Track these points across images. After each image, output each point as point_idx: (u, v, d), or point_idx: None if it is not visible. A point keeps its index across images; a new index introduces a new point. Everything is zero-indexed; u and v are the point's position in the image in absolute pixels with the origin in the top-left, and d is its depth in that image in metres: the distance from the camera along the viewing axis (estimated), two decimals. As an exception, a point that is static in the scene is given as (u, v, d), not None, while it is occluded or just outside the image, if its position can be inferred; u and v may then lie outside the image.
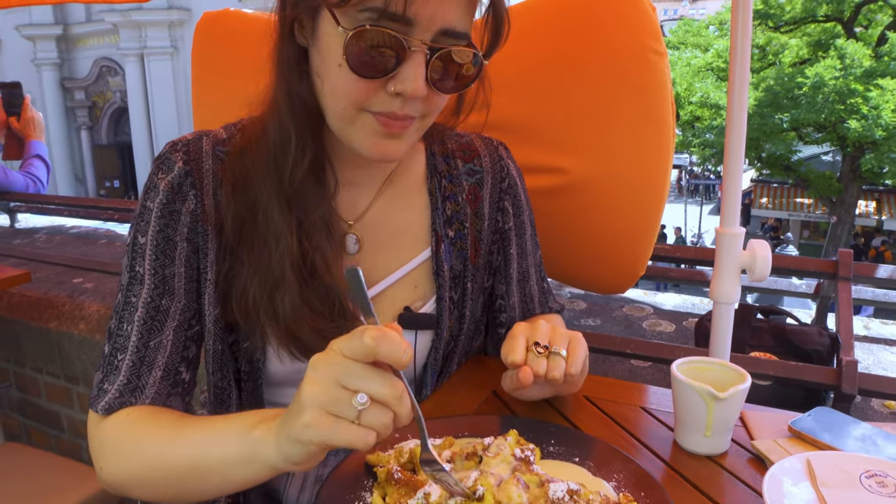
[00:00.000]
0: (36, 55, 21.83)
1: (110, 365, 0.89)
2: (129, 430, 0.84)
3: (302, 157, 0.89)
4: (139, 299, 0.90)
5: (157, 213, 0.91)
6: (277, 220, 0.89)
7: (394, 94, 0.81)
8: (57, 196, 3.22)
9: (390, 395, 0.63)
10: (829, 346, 1.34)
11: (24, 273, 1.95)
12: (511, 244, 1.13)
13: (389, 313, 1.01)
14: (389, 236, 1.02)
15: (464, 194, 1.08)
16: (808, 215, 20.09)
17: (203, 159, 0.93)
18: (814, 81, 13.16)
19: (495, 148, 1.13)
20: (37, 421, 2.59)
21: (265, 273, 0.89)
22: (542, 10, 1.49)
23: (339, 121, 0.87)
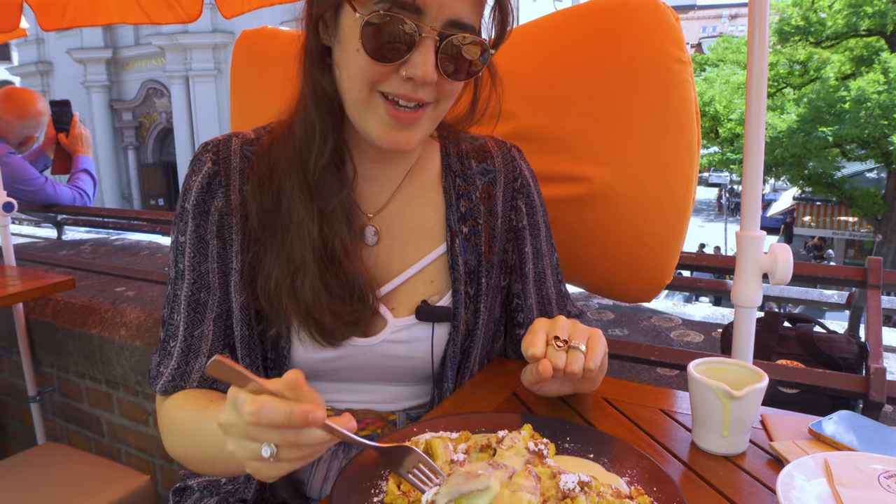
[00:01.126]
0: (86, 77, 22.63)
1: (164, 350, 1.01)
2: (173, 416, 0.96)
3: (324, 146, 0.97)
4: (182, 293, 1.01)
5: (192, 213, 1.00)
6: (300, 208, 0.96)
7: (406, 78, 0.88)
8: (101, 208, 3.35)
9: (284, 442, 0.65)
10: (858, 354, 1.32)
11: (69, 279, 2.04)
12: (525, 243, 1.15)
13: (407, 307, 1.04)
14: (406, 231, 1.07)
15: (477, 192, 1.11)
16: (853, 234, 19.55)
17: (231, 157, 1.02)
18: (857, 96, 12.89)
19: (508, 149, 1.17)
20: (78, 425, 2.68)
21: (287, 258, 0.95)
22: (566, 23, 1.51)
23: (354, 106, 0.93)
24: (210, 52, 20.59)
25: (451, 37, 0.87)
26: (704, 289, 1.73)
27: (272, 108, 1.08)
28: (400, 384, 1.10)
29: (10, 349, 2.78)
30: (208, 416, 0.87)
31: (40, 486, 1.69)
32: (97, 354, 2.37)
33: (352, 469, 0.81)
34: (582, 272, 1.55)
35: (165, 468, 2.40)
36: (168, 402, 0.99)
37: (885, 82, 12.95)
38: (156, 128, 23.22)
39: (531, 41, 1.54)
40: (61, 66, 23.27)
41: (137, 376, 2.27)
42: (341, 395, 1.09)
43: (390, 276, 1.05)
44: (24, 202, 3.13)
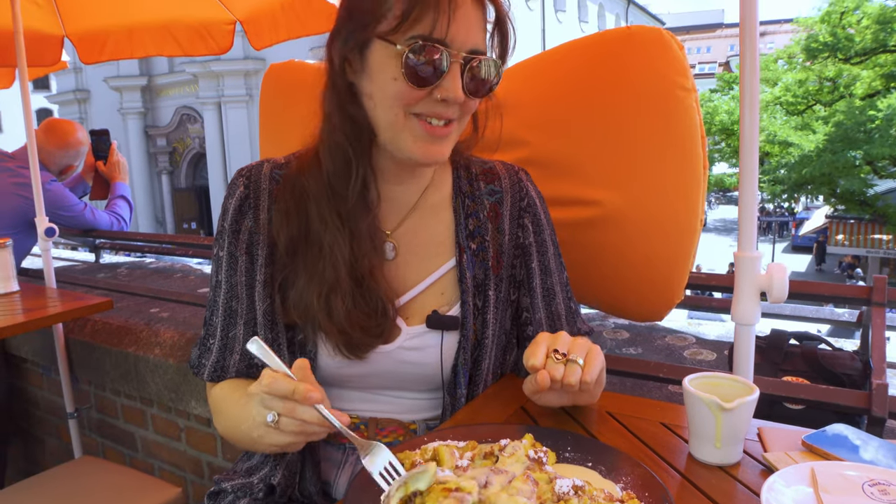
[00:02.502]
0: (122, 105, 23.33)
1: (204, 346, 1.18)
2: (219, 400, 1.14)
3: (357, 175, 1.08)
4: (220, 300, 1.16)
5: (227, 231, 1.14)
6: (332, 233, 1.07)
7: (439, 100, 1.00)
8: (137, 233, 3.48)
9: (285, 410, 0.86)
10: (862, 370, 1.35)
11: (108, 301, 2.14)
12: (532, 259, 1.23)
13: (419, 316, 1.14)
14: (421, 246, 1.17)
15: (485, 212, 1.21)
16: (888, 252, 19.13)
17: (262, 181, 1.15)
18: (887, 114, 12.72)
19: (515, 172, 1.26)
20: (113, 440, 2.78)
21: (321, 279, 1.07)
22: (575, 54, 1.59)
23: (390, 130, 1.04)
24: (242, 78, 21.10)
25: (472, 61, 1.00)
26: (717, 307, 1.77)
27: (298, 138, 1.18)
28: (417, 392, 1.18)
29: (50, 367, 2.91)
30: (236, 397, 1.06)
31: (77, 496, 1.79)
32: (132, 372, 2.47)
33: (364, 474, 0.87)
34: (594, 292, 1.60)
35: (196, 483, 2.48)
36: (215, 389, 1.16)
37: (916, 99, 12.80)
38: (189, 153, 23.78)
39: (543, 72, 1.61)
40: (98, 94, 24.03)
41: (171, 394, 2.37)
42: (366, 404, 1.17)
43: (406, 289, 1.15)
44: (64, 227, 3.27)
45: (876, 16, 13.92)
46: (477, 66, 1.01)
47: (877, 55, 14.55)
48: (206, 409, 2.29)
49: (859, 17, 14.29)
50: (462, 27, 0.98)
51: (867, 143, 13.30)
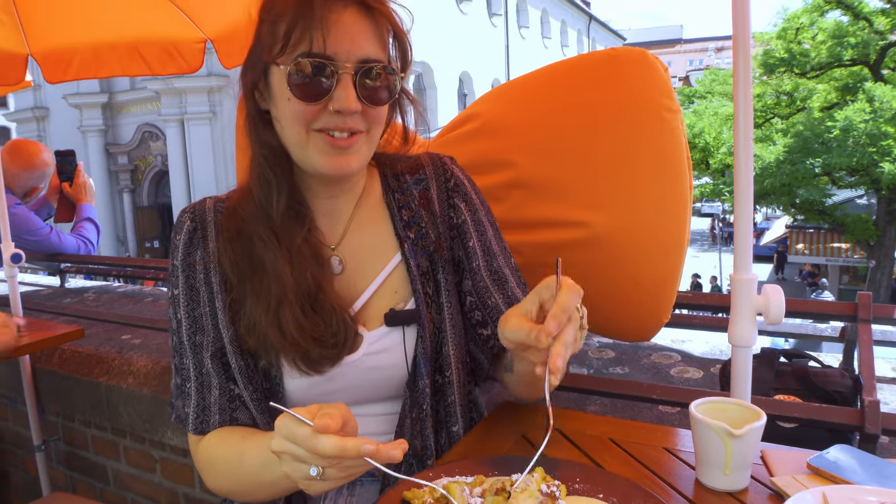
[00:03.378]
0: (82, 122, 22.81)
1: (183, 392, 1.12)
2: (213, 455, 1.08)
3: (280, 194, 1.10)
4: (185, 339, 1.12)
5: (181, 267, 1.13)
6: (270, 252, 1.08)
7: (334, 112, 1.01)
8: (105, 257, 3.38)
9: (330, 465, 0.79)
10: (852, 387, 1.36)
11: (78, 329, 2.07)
12: (469, 238, 1.21)
13: (378, 319, 1.13)
14: (365, 252, 1.17)
15: (415, 201, 1.22)
16: (847, 260, 19.66)
17: (206, 214, 1.16)
18: (844, 125, 13.12)
19: (439, 158, 1.27)
20: (83, 474, 2.68)
21: (267, 297, 1.06)
22: (561, 76, 1.59)
23: (296, 147, 1.06)
24: (205, 95, 20.83)
25: (364, 69, 1.01)
26: (701, 326, 1.78)
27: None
28: (390, 403, 1.16)
29: (16, 398, 2.80)
30: (244, 452, 1.00)
31: (53, 538, 1.70)
32: (104, 403, 2.39)
33: (373, 515, 0.84)
34: (583, 313, 1.59)
35: (172, 516, 2.40)
36: (204, 443, 1.10)
37: (870, 111, 13.21)
38: (151, 170, 23.36)
39: (528, 93, 1.61)
40: (57, 112, 23.49)
41: (145, 424, 2.29)
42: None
43: (358, 295, 1.14)
44: (29, 252, 3.17)
45: (831, 31, 14.38)
46: (370, 75, 1.02)
47: (832, 69, 15.02)
48: (182, 439, 2.22)
49: (814, 33, 14.75)
50: (344, 39, 1.00)
51: (825, 153, 13.68)
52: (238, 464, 1.01)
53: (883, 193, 14.37)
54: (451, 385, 1.17)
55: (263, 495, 1.01)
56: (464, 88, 24.78)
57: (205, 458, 1.09)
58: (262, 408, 1.11)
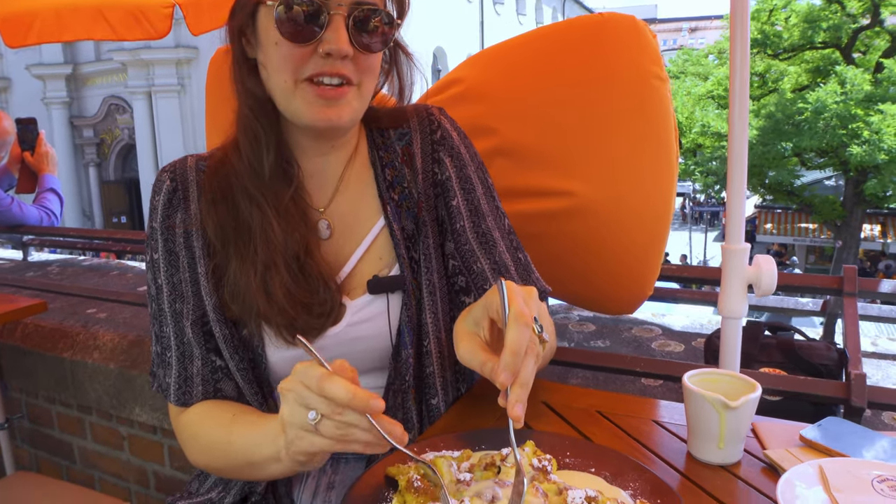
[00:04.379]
0: (46, 94, 22.14)
1: (163, 361, 1.06)
2: (197, 430, 1.03)
3: (269, 150, 1.02)
4: (164, 306, 1.06)
5: (160, 230, 1.06)
6: (258, 212, 1.01)
7: (324, 55, 0.95)
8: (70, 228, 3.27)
9: (332, 412, 0.74)
10: (838, 360, 1.35)
11: (41, 303, 1.99)
12: (452, 196, 1.12)
13: (362, 287, 1.07)
14: (352, 216, 1.11)
15: (399, 158, 1.14)
16: (814, 240, 20.07)
17: (188, 173, 1.08)
18: (815, 107, 13.28)
19: (426, 108, 1.18)
20: (48, 452, 2.60)
21: (254, 261, 1.00)
22: (547, 41, 1.54)
23: (283, 97, 0.98)
24: (173, 67, 20.33)
25: (357, 11, 0.95)
26: (684, 299, 1.76)
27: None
28: (376, 373, 1.10)
29: (-24, 375, 2.70)
30: (234, 430, 0.96)
31: (15, 518, 1.64)
32: (69, 378, 2.31)
33: (355, 492, 0.80)
34: (566, 285, 1.56)
35: (141, 493, 2.34)
36: (188, 416, 1.05)
37: (841, 93, 13.38)
38: (118, 144, 22.81)
39: (513, 58, 1.56)
40: (20, 83, 22.75)
41: (112, 400, 2.22)
42: None
43: (344, 263, 1.08)
44: (-11, 223, 3.05)
45: (804, 14, 14.48)
46: (364, 18, 0.96)
47: (804, 51, 15.16)
48: (151, 415, 2.15)
49: (787, 15, 14.84)
50: None
51: (796, 135, 13.85)
52: (226, 442, 0.96)
53: (851, 175, 14.61)
54: (429, 356, 1.11)
55: (249, 475, 0.96)
56: (438, 64, 24.56)
57: (189, 432, 1.04)
58: (248, 378, 1.05)
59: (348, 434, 0.75)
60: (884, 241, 19.78)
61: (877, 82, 13.68)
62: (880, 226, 19.80)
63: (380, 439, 0.74)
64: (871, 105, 13.25)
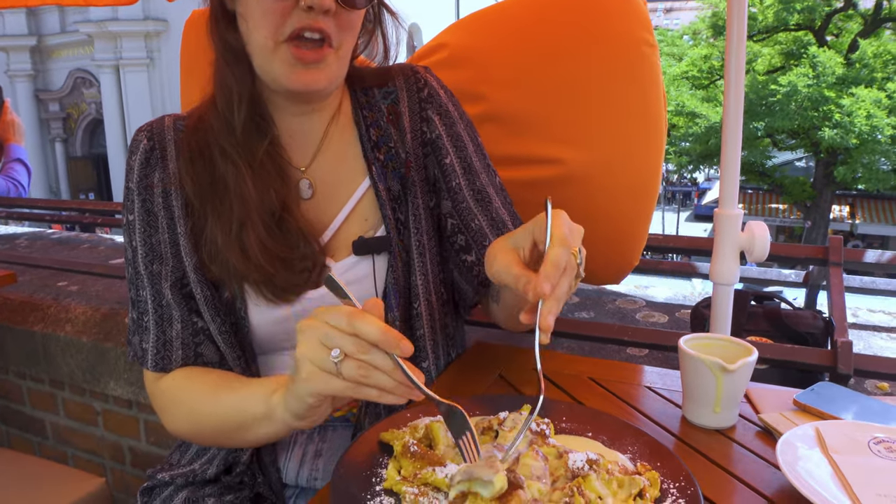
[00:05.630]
0: (9, 66, 21.46)
1: (140, 327, 1.02)
2: (180, 395, 1.00)
3: (241, 101, 0.99)
4: (141, 268, 1.02)
5: (136, 191, 1.03)
6: (232, 168, 0.98)
7: (305, 8, 0.90)
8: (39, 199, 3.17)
9: (357, 351, 0.71)
10: (823, 328, 1.36)
11: (10, 274, 1.92)
12: (445, 154, 1.10)
13: (346, 249, 1.04)
14: (336, 177, 1.07)
15: (384, 117, 1.10)
16: (784, 220, 20.39)
17: (165, 133, 1.05)
18: (787, 90, 13.41)
19: (411, 67, 1.15)
20: (19, 428, 2.54)
21: (229, 218, 0.97)
22: (536, 5, 1.50)
23: (260, 56, 0.95)
24: (142, 40, 19.81)
25: None
26: (669, 270, 1.75)
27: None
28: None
29: (-59, 350, 2.62)
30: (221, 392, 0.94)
31: (-14, 493, 1.59)
32: (40, 353, 2.24)
33: (349, 458, 0.78)
34: (553, 255, 1.54)
35: (117, 469, 2.30)
36: (167, 382, 1.01)
37: (813, 76, 13.52)
38: (85, 119, 22.25)
39: (501, 23, 1.52)
40: (-19, 55, 22.05)
41: (85, 374, 2.17)
42: None
43: (326, 224, 1.05)
44: (-48, 195, 2.94)
45: (778, -5, 14.59)
46: None
47: (777, 33, 15.27)
48: (127, 389, 2.10)
49: (762, -4, 14.94)
50: None
51: (768, 116, 14.00)
52: (213, 403, 0.94)
53: (822, 156, 14.83)
54: (419, 318, 1.08)
55: (235, 439, 0.93)
56: (413, 41, 24.29)
57: (169, 397, 1.00)
58: (230, 341, 1.01)
59: (369, 376, 0.71)
60: (852, 223, 20.19)
61: (849, 64, 13.85)
62: (849, 207, 20.19)
63: (398, 386, 0.71)
64: (844, 88, 13.43)
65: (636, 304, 1.92)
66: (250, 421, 0.87)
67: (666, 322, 1.78)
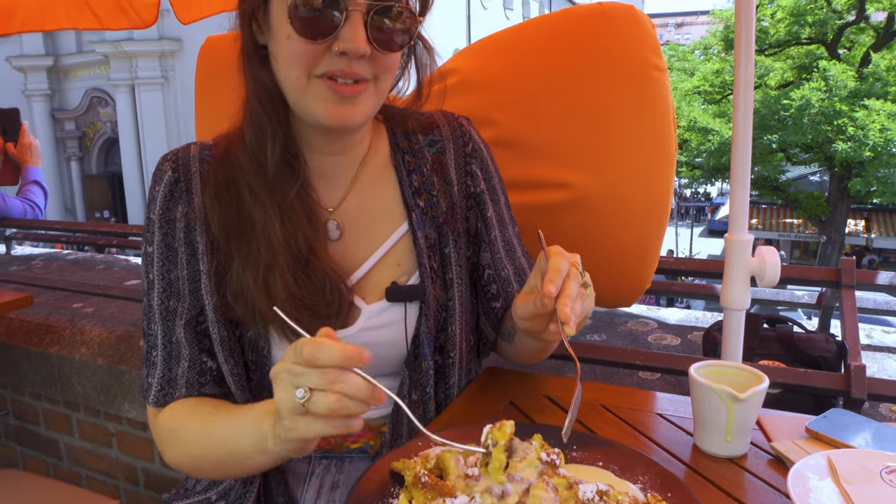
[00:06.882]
0: (26, 86, 21.84)
1: (149, 361, 1.02)
2: (176, 425, 0.98)
3: (275, 141, 0.97)
4: (155, 303, 1.01)
5: (158, 223, 1.01)
6: (260, 209, 0.96)
7: (339, 53, 0.89)
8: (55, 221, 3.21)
9: (323, 383, 0.70)
10: (837, 352, 1.35)
11: (27, 296, 1.95)
12: (487, 208, 1.12)
13: (378, 293, 1.03)
14: (368, 219, 1.06)
15: (427, 165, 1.10)
16: (798, 235, 20.23)
17: (191, 163, 1.03)
18: (800, 103, 13.36)
19: (456, 118, 1.15)
20: (34, 449, 2.56)
21: (256, 260, 0.95)
22: (545, 30, 1.52)
23: (294, 92, 0.94)
24: (157, 59, 20.12)
25: (377, 7, 0.89)
26: (681, 292, 1.75)
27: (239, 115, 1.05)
28: (385, 378, 1.07)
29: (-41, 371, 2.65)
30: (216, 422, 0.92)
31: (2, 516, 1.61)
32: (56, 374, 2.27)
33: (361, 487, 0.78)
34: (564, 278, 1.55)
35: (131, 492, 2.31)
36: (165, 414, 1.00)
37: (825, 89, 13.47)
38: (100, 137, 22.55)
39: (511, 49, 1.54)
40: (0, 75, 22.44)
41: (100, 396, 2.18)
42: None
43: (357, 265, 1.04)
44: (-29, 217, 2.99)
45: (790, 9, 14.56)
46: (385, 14, 0.90)
47: (789, 47, 15.25)
48: (141, 411, 2.12)
49: (773, 10, 14.92)
50: None
51: (781, 130, 13.95)
52: (206, 435, 0.92)
53: (836, 170, 14.75)
54: (453, 367, 1.09)
55: (231, 470, 0.93)
56: (425, 59, 24.46)
57: (167, 427, 0.99)
58: (241, 383, 1.01)
59: (342, 408, 0.70)
60: (868, 237, 20.02)
61: (861, 78, 13.80)
62: (864, 221, 20.03)
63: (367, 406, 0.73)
64: (856, 101, 13.37)
65: (648, 326, 1.92)
66: (245, 453, 0.85)
67: (678, 345, 1.77)
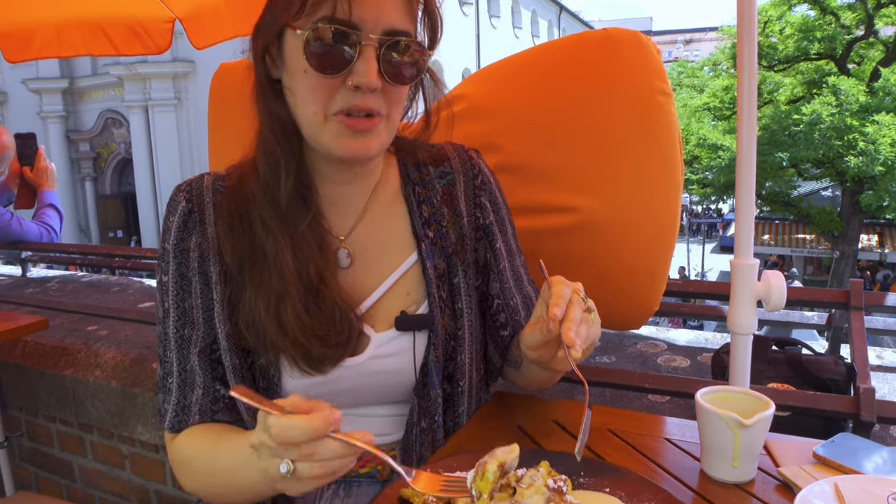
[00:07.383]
0: (42, 108, 22.19)
1: (164, 387, 1.05)
2: (188, 452, 1.01)
3: (288, 173, 0.99)
4: (171, 331, 1.04)
5: (172, 253, 1.04)
6: (272, 241, 0.98)
7: (353, 87, 0.92)
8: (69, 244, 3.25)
9: (301, 457, 0.73)
10: (846, 374, 1.35)
11: (42, 320, 1.98)
12: (496, 239, 1.15)
13: (387, 321, 1.05)
14: (378, 248, 1.09)
15: (438, 196, 1.12)
16: (811, 251, 20.11)
17: (204, 194, 1.05)
18: (810, 119, 13.33)
19: (465, 151, 1.18)
20: (48, 471, 2.58)
21: (267, 290, 0.97)
22: (551, 56, 1.54)
23: (311, 128, 0.97)
24: (170, 81, 20.39)
25: (388, 42, 0.92)
26: (690, 314, 1.75)
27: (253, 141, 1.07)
28: (391, 406, 1.09)
29: (-25, 393, 2.68)
30: (219, 448, 0.94)
31: (17, 539, 1.62)
32: (70, 397, 2.29)
33: (370, 514, 0.80)
34: (571, 301, 1.55)
35: (143, 512, 2.32)
36: (179, 440, 1.03)
37: (836, 104, 13.44)
38: (114, 158, 22.83)
39: (517, 75, 1.56)
40: (16, 97, 22.81)
41: (113, 419, 2.21)
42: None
43: (367, 294, 1.06)
44: (-12, 240, 3.04)
45: (798, 25, 14.60)
46: (396, 49, 0.93)
47: (799, 63, 15.26)
48: (154, 434, 2.14)
49: (782, 27, 14.95)
50: (372, 6, 0.91)
51: (792, 146, 13.92)
52: (212, 464, 0.95)
53: (847, 185, 14.67)
54: (462, 395, 1.10)
55: (239, 498, 0.94)
56: (435, 78, 24.62)
57: (179, 457, 1.02)
58: (253, 412, 1.02)
59: (327, 472, 0.74)
60: (881, 252, 19.85)
61: (872, 92, 13.76)
62: (878, 236, 19.88)
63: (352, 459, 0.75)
64: (867, 115, 13.32)
65: (658, 348, 1.92)
66: (248, 481, 0.86)
67: (688, 366, 1.77)
